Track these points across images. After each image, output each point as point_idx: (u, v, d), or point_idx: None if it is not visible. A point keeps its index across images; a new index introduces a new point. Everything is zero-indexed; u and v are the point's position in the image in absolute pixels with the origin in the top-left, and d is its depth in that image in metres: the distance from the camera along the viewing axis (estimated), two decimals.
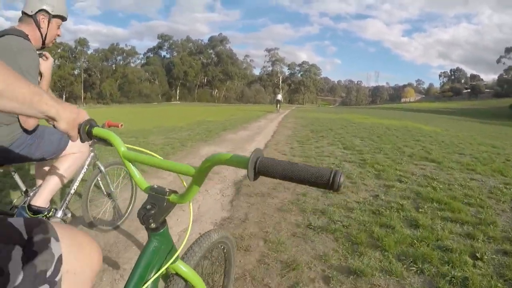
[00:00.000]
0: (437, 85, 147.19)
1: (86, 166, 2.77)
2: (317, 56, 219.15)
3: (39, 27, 2.20)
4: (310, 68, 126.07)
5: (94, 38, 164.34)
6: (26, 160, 2.20)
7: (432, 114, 43.41)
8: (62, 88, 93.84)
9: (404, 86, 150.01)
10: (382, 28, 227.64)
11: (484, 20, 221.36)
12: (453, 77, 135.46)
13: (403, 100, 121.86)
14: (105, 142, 1.07)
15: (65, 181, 2.44)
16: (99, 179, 3.02)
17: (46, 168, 2.55)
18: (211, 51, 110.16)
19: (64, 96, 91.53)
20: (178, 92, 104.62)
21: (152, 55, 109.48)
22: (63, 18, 2.34)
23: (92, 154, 2.82)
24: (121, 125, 2.89)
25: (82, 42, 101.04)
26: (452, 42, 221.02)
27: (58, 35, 2.38)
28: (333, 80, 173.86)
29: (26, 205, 2.28)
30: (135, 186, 3.47)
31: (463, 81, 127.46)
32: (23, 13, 2.18)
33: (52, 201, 2.48)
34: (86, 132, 1.01)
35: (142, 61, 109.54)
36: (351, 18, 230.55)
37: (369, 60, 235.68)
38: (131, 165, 1.04)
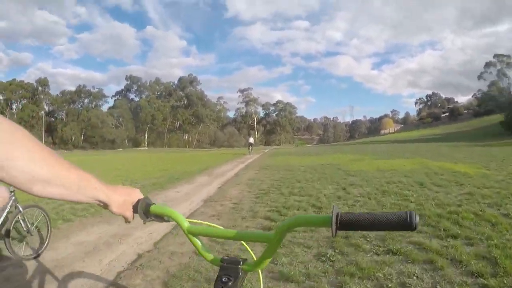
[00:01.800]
0: (413, 113, 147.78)
1: (6, 210, 3.48)
2: (291, 96, 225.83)
3: None
4: (285, 107, 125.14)
5: (72, 82, 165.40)
6: None
7: (424, 142, 43.24)
8: None
9: (381, 117, 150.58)
10: (352, 63, 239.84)
11: (448, 45, 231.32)
12: (429, 103, 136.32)
13: (382, 132, 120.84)
14: (163, 218, 1.05)
15: None
16: (19, 218, 3.84)
17: None
18: (181, 93, 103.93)
19: None
20: (146, 137, 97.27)
21: (120, 98, 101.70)
22: None
23: (12, 197, 3.62)
24: None
25: (43, 82, 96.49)
26: (419, 70, 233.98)
27: None
28: (309, 119, 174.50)
29: None
30: (49, 223, 4.46)
31: (439, 105, 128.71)
32: None
33: None
34: (144, 212, 1.01)
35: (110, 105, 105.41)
36: (321, 56, 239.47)
37: (343, 96, 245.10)
38: (196, 239, 1.02)
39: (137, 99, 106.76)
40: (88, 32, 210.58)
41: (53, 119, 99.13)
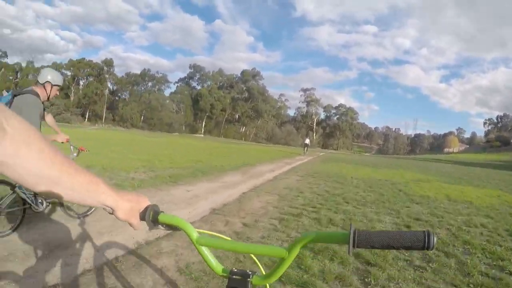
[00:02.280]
0: (480, 133, 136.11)
1: None
2: (354, 101, 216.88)
3: (45, 90, 4.08)
4: (347, 111, 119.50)
5: (141, 67, 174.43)
6: None
7: (493, 169, 35.93)
8: (87, 105, 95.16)
9: (446, 135, 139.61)
10: (420, 73, 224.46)
11: None
12: (499, 125, 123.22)
13: (446, 150, 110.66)
14: (171, 227, 1.02)
15: None
16: None
17: None
18: (243, 85, 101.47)
19: (87, 114, 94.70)
20: (203, 125, 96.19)
21: (182, 85, 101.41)
22: (59, 85, 4.19)
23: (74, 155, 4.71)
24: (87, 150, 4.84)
25: (108, 63, 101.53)
26: (490, 88, 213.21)
27: (57, 94, 4.26)
28: (370, 126, 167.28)
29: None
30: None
31: (510, 129, 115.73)
32: (37, 81, 4.08)
33: None
34: (151, 219, 0.98)
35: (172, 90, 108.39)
36: (388, 63, 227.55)
37: (407, 107, 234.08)
38: (205, 250, 1.00)
39: (198, 87, 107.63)
40: (159, 21, 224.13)
41: (116, 98, 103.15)
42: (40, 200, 4.14)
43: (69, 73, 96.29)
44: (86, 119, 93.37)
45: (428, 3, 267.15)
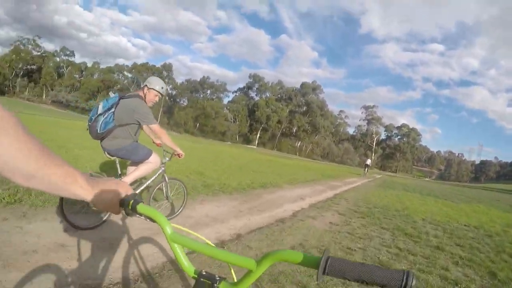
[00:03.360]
0: None
1: (156, 175, 4.74)
2: (417, 123, 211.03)
3: (145, 95, 4.38)
4: (410, 132, 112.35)
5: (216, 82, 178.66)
6: (125, 158, 4.39)
7: None
8: None
9: None
10: (487, 96, 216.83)
11: None
12: None
13: None
14: (150, 218, 1.02)
15: (143, 175, 4.49)
16: (163, 185, 4.85)
17: (134, 166, 4.52)
18: (302, 98, 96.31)
19: None
20: (258, 136, 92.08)
21: (240, 94, 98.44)
22: (162, 95, 4.52)
23: (162, 168, 4.77)
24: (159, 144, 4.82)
25: (167, 67, 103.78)
26: None
27: (156, 101, 4.49)
28: (432, 150, 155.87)
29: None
30: (186, 195, 5.33)
31: None
32: (146, 86, 4.40)
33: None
34: (130, 208, 0.99)
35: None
36: (454, 84, 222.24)
37: (471, 132, 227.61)
38: (177, 248, 0.98)
39: (257, 98, 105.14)
40: (226, 34, 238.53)
41: (173, 102, 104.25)
42: None
43: (129, 75, 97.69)
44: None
45: (497, 20, 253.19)
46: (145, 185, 4.64)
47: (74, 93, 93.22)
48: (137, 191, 4.28)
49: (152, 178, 4.65)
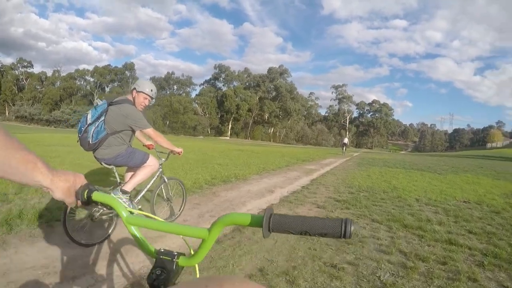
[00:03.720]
0: None
1: (155, 177, 4.62)
2: (387, 99, 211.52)
3: (134, 99, 4.13)
4: (381, 107, 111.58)
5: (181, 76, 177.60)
6: (122, 165, 4.17)
7: None
8: None
9: (485, 129, 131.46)
10: (453, 67, 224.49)
11: None
12: None
13: (489, 145, 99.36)
14: (106, 206, 1.04)
15: (143, 180, 4.27)
16: (162, 187, 4.72)
17: (132, 171, 4.35)
18: (270, 84, 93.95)
19: None
20: (230, 127, 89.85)
21: (207, 86, 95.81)
22: (152, 98, 4.25)
23: (160, 169, 4.60)
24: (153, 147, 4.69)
25: (130, 67, 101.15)
26: None
27: (146, 105, 4.21)
28: (404, 123, 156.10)
29: (119, 188, 4.09)
30: (185, 194, 5.24)
31: None
32: (134, 89, 4.14)
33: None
34: (86, 197, 0.99)
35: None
36: (420, 57, 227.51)
37: (441, 103, 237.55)
38: (135, 230, 0.99)
39: (224, 88, 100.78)
40: (188, 27, 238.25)
41: None
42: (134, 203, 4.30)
43: (91, 79, 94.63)
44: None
45: None
46: (145, 190, 4.51)
47: (36, 105, 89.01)
48: (138, 197, 4.39)
49: (151, 182, 4.60)
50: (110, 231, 3.96)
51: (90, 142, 3.82)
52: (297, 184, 9.37)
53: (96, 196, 0.98)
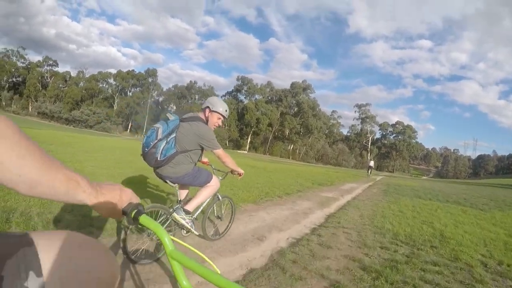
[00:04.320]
0: None
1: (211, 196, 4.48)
2: (410, 121, 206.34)
3: (207, 118, 3.99)
4: (405, 129, 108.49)
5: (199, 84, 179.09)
6: (188, 184, 4.06)
7: None
8: (129, 116, 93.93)
9: (510, 155, 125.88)
10: (477, 90, 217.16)
11: None
12: None
13: None
14: (151, 231, 1.00)
15: (205, 199, 4.19)
16: (215, 206, 4.61)
17: (185, 188, 4.36)
18: (292, 99, 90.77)
19: (129, 124, 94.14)
20: (249, 140, 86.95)
21: (228, 98, 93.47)
22: (225, 118, 4.10)
23: None
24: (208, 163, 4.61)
25: (152, 73, 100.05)
26: None
27: (219, 125, 4.06)
28: (427, 147, 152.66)
29: (181, 207, 3.96)
30: (235, 212, 5.06)
31: None
32: (208, 107, 3.98)
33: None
34: (133, 218, 0.97)
35: None
36: (444, 79, 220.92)
37: (464, 127, 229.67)
38: (177, 266, 0.93)
39: (246, 101, 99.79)
40: (215, 39, 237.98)
41: (160, 109, 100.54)
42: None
43: (113, 83, 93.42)
44: (128, 130, 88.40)
45: (483, 13, 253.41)
46: (201, 208, 4.43)
47: (57, 104, 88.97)
48: (195, 214, 4.28)
49: (207, 200, 4.40)
50: (161, 253, 3.70)
51: (158, 159, 3.64)
52: (305, 224, 6.46)
53: (144, 220, 0.95)
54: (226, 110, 4.04)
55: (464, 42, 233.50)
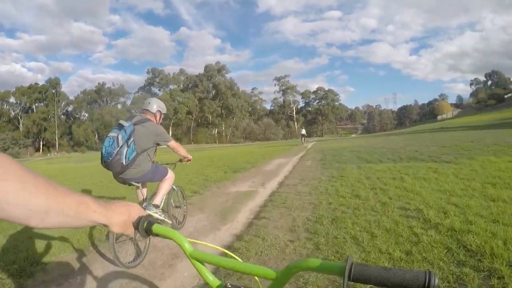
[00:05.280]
0: (465, 97, 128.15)
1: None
2: (330, 86, 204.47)
3: (156, 117, 4.43)
4: (327, 94, 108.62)
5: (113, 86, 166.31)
6: (149, 181, 4.35)
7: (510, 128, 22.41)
8: (38, 134, 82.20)
9: (431, 102, 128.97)
10: (389, 50, 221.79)
11: (487, 25, 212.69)
12: (489, 82, 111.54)
13: (439, 117, 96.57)
14: (165, 237, 1.02)
15: (166, 192, 4.58)
16: (172, 196, 5.02)
17: (144, 187, 4.43)
18: (208, 82, 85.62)
19: (41, 144, 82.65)
20: (170, 133, 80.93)
21: (141, 93, 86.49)
22: (164, 113, 4.57)
23: None
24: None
25: (53, 82, 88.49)
26: (460, 53, 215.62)
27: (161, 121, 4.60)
28: (350, 108, 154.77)
29: (151, 204, 4.30)
30: (186, 200, 5.57)
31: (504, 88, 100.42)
32: (146, 109, 4.38)
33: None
34: (145, 229, 0.98)
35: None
36: (357, 44, 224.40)
37: (382, 84, 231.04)
38: (200, 264, 0.96)
39: (160, 93, 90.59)
40: (124, 38, 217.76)
41: (72, 119, 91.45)
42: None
43: (13, 101, 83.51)
44: (40, 150, 79.25)
45: None
46: (163, 199, 4.70)
47: None
48: (160, 207, 4.52)
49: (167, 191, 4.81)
50: (145, 252, 3.96)
51: (124, 164, 3.87)
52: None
53: (157, 229, 0.96)
54: (164, 107, 4.61)
55: (372, 8, 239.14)
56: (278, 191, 7.51)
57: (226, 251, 0.95)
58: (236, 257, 0.92)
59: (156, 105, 4.40)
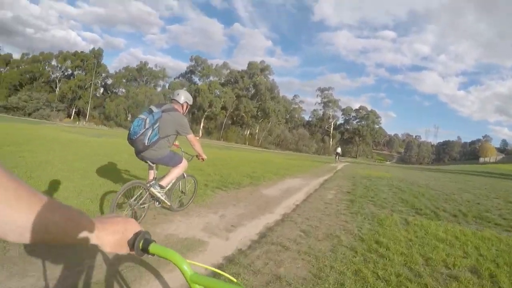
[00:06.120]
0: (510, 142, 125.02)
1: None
2: (372, 108, 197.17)
3: (182, 108, 4.87)
4: (368, 114, 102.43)
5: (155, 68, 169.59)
6: (164, 164, 4.84)
7: None
8: (72, 100, 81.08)
9: (473, 142, 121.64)
10: (438, 80, 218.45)
11: None
12: None
13: (481, 160, 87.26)
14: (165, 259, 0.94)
15: (176, 177, 5.01)
16: (180, 182, 5.51)
17: (154, 169, 4.85)
18: (249, 80, 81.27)
19: (73, 111, 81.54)
20: (201, 126, 76.84)
21: (181, 80, 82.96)
22: (191, 105, 5.04)
23: None
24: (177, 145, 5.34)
25: (97, 53, 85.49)
26: (509, 96, 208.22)
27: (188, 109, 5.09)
28: (389, 133, 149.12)
29: (156, 183, 4.71)
30: (196, 190, 6.05)
31: None
32: (174, 100, 4.84)
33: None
34: (141, 249, 0.88)
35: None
36: (406, 69, 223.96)
37: (425, 115, 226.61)
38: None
39: (200, 82, 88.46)
40: (179, 24, 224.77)
41: (108, 93, 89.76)
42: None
43: (54, 63, 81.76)
44: (71, 117, 77.21)
45: (447, 8, 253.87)
46: (171, 184, 5.08)
47: None
48: (166, 189, 4.91)
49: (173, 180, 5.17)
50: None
51: (146, 144, 4.39)
52: None
53: (154, 249, 0.87)
54: (189, 98, 4.96)
55: (427, 34, 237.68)
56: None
57: (230, 276, 0.90)
58: (239, 283, 0.85)
59: (184, 97, 4.88)
